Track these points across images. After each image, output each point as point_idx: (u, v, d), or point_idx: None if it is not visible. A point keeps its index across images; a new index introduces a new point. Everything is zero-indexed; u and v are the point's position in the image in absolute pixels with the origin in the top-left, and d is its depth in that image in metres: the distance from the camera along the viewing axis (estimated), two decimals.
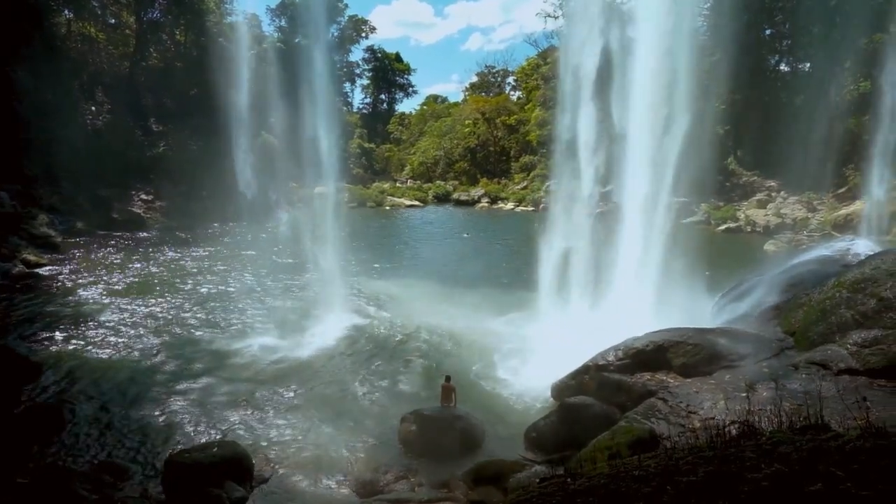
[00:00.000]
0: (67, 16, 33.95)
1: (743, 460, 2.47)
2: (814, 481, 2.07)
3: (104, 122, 34.16)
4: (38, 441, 7.62)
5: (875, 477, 2.05)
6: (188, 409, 8.92)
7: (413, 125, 72.10)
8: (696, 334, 8.53)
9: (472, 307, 14.60)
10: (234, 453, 6.79)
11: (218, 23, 39.37)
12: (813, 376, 6.45)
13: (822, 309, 7.83)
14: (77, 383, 9.64)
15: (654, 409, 6.80)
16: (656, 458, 2.96)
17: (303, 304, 15.38)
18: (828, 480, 2.05)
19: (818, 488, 2.00)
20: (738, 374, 7.26)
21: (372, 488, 6.73)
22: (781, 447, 2.59)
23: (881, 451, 2.24)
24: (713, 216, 33.17)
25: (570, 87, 14.05)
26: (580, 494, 2.41)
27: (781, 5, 36.50)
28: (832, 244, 13.13)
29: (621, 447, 5.05)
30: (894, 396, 5.55)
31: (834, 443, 2.49)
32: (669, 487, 2.31)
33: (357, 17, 65.87)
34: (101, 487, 6.25)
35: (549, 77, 50.68)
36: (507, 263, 22.13)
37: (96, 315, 13.48)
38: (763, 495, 2.07)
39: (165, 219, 30.63)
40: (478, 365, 11.24)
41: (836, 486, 2.00)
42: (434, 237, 31.83)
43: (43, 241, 20.84)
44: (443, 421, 8.00)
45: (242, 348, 11.83)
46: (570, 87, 14.05)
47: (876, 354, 6.43)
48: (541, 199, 45.40)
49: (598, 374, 8.55)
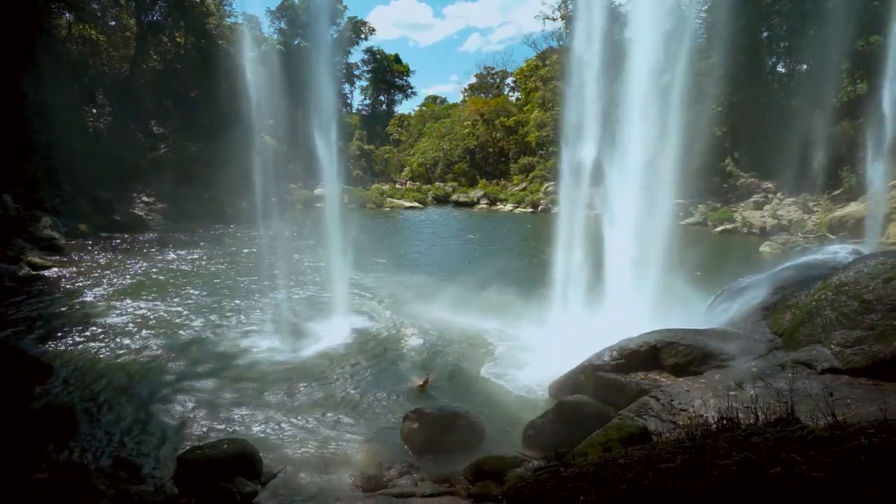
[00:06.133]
0: (68, 18, 34.13)
1: (717, 450, 2.76)
2: (775, 466, 2.36)
3: (105, 124, 34.38)
4: (54, 440, 7.88)
5: (829, 461, 2.34)
6: (197, 407, 9.19)
7: (412, 126, 72.36)
8: (689, 335, 8.81)
9: (474, 307, 14.87)
10: (243, 450, 7.07)
11: (218, 25, 39.60)
12: (798, 375, 6.74)
13: (808, 310, 8.13)
14: (87, 383, 9.91)
15: (647, 407, 7.08)
16: (642, 450, 3.25)
17: (307, 304, 15.65)
18: (787, 465, 2.34)
19: (777, 471, 2.29)
20: (728, 374, 7.55)
21: (376, 483, 7.00)
22: (753, 438, 2.88)
23: (837, 440, 2.53)
24: (710, 217, 33.50)
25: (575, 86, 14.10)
26: (571, 480, 2.69)
27: (778, 8, 36.83)
28: (822, 247, 13.43)
29: (613, 443, 5.33)
30: (873, 394, 5.84)
31: (799, 433, 2.78)
32: (650, 473, 2.60)
33: (356, 19, 66.15)
34: (117, 483, 6.52)
35: (547, 78, 51.01)
36: (507, 264, 22.42)
37: (103, 316, 13.75)
38: (730, 478, 2.36)
39: (167, 220, 30.89)
40: (478, 364, 11.53)
41: (793, 469, 2.29)
42: (435, 238, 32.11)
43: (47, 243, 21.07)
44: (444, 419, 8.27)
45: (248, 348, 12.10)
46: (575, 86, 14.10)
47: (858, 354, 6.74)
48: (539, 201, 45.71)
49: (594, 374, 8.83)
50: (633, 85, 12.62)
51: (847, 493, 2.13)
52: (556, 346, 11.44)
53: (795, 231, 30.03)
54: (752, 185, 35.57)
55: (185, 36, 39.43)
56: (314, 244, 21.65)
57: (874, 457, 2.27)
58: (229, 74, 32.10)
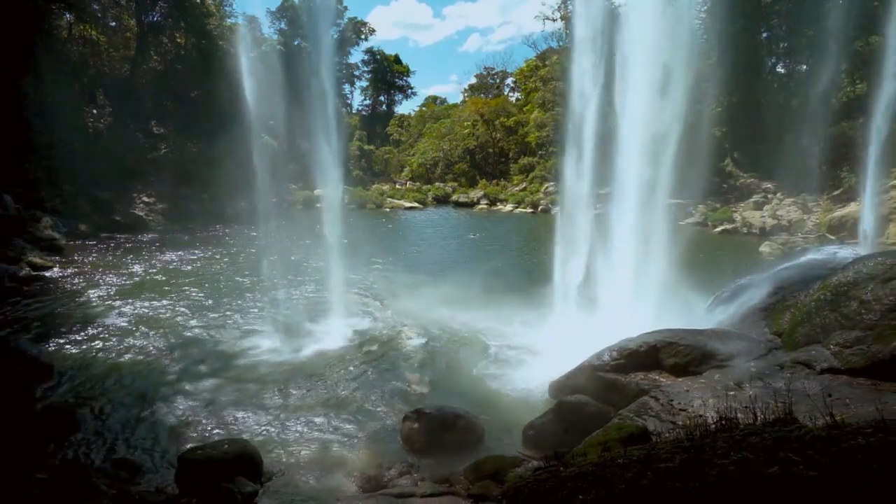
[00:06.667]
0: (68, 19, 34.18)
1: (715, 449, 2.78)
2: (772, 465, 2.38)
3: (105, 124, 34.43)
4: (54, 440, 7.90)
5: (826, 461, 2.36)
6: (197, 408, 9.21)
7: (412, 127, 72.42)
8: (689, 335, 8.83)
9: (474, 307, 14.89)
10: (244, 450, 7.08)
11: (218, 25, 39.65)
12: (797, 375, 6.77)
13: (807, 311, 8.15)
14: (88, 383, 9.93)
15: (647, 407, 7.10)
16: (641, 450, 3.27)
17: (307, 305, 15.66)
18: (784, 465, 2.36)
19: (775, 471, 2.31)
20: (728, 374, 7.57)
21: (376, 483, 7.01)
22: (751, 438, 2.90)
23: (834, 440, 2.55)
24: (710, 218, 33.53)
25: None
26: (570, 479, 2.71)
27: (778, 8, 36.89)
28: (821, 247, 13.46)
29: (613, 443, 5.34)
30: (872, 394, 5.86)
31: (796, 433, 2.80)
32: (649, 473, 2.62)
33: (356, 20, 66.25)
34: (117, 483, 6.53)
35: (547, 79, 51.05)
36: (507, 264, 22.46)
37: (104, 316, 13.78)
38: (728, 477, 2.38)
39: (167, 221, 30.92)
40: (478, 364, 11.54)
41: (790, 468, 2.30)
42: (435, 238, 32.15)
43: (47, 243, 21.09)
44: (444, 419, 8.28)
45: (247, 349, 12.12)
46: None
47: (856, 354, 6.75)
48: (539, 201, 45.74)
49: (594, 374, 8.85)
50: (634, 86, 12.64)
51: (844, 493, 2.15)
52: (555, 347, 11.46)
53: (795, 231, 30.06)
54: (752, 186, 35.60)
55: (185, 36, 39.48)
56: (314, 244, 21.66)
57: (871, 456, 2.29)
58: (229, 75, 32.13)
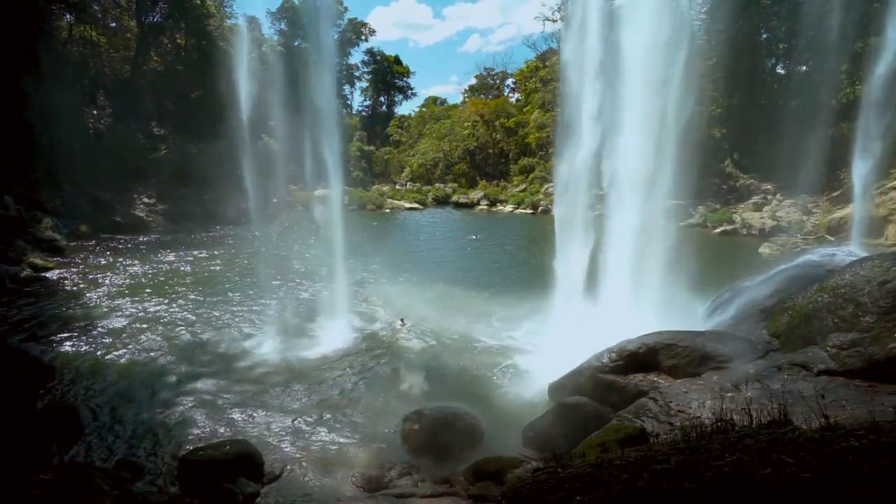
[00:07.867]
0: (69, 19, 34.22)
1: (711, 451, 2.82)
2: (766, 467, 2.43)
3: (105, 125, 34.49)
4: (56, 440, 7.94)
5: (818, 463, 2.41)
6: (198, 409, 9.25)
7: (412, 127, 72.48)
8: (687, 337, 8.87)
9: (473, 308, 14.96)
10: (245, 451, 7.13)
11: (218, 26, 39.68)
12: (794, 377, 6.81)
13: (805, 313, 8.20)
14: (90, 384, 9.97)
15: (645, 408, 7.15)
16: (638, 451, 3.32)
17: (308, 306, 15.71)
18: (778, 466, 2.41)
19: (769, 472, 2.36)
20: (725, 376, 7.61)
21: (377, 484, 7.07)
22: (746, 440, 2.95)
23: (827, 442, 2.60)
24: (710, 219, 33.57)
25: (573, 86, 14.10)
26: (568, 481, 2.76)
27: (777, 10, 36.94)
28: (819, 249, 13.52)
29: (611, 444, 5.39)
30: (868, 395, 5.91)
31: (791, 435, 2.85)
32: (645, 474, 2.66)
33: (357, 20, 66.33)
34: (120, 483, 6.57)
35: (547, 80, 51.11)
36: (507, 264, 22.51)
37: (105, 317, 13.82)
38: (723, 478, 2.43)
39: (167, 222, 30.96)
40: (478, 365, 11.59)
41: (784, 469, 2.35)
42: (435, 239, 32.18)
43: (48, 244, 21.14)
44: (444, 420, 8.33)
45: (249, 350, 12.16)
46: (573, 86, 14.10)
47: (853, 356, 6.80)
48: (539, 202, 45.80)
49: (593, 375, 8.89)
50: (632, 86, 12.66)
51: (835, 494, 2.20)
52: (555, 348, 11.51)
53: (794, 232, 30.08)
54: (752, 187, 35.66)
55: (185, 37, 39.53)
56: (314, 245, 21.71)
57: (863, 458, 2.34)
58: (230, 76, 32.20)
